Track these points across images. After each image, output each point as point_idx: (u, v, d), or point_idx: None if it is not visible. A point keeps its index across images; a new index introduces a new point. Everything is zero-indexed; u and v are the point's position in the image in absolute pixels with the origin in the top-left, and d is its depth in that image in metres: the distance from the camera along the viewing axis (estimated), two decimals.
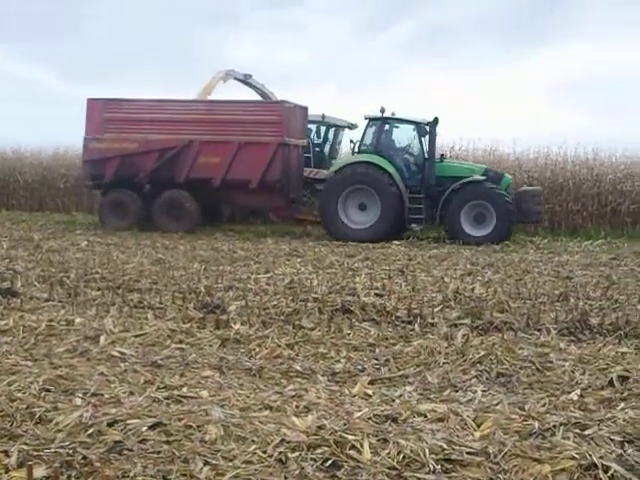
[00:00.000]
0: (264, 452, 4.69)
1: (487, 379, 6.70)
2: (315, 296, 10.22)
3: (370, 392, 6.17)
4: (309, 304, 9.70)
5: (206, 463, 4.54)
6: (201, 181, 21.30)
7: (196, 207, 21.57)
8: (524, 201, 20.43)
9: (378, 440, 4.90)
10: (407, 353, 7.45)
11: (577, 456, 4.64)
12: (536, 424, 5.29)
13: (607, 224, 24.17)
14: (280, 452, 4.69)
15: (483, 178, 20.21)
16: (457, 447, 4.81)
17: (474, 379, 6.66)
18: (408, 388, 6.30)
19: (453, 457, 4.68)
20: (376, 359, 7.30)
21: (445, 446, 4.81)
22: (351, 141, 21.65)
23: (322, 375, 6.71)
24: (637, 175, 24.99)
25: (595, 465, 4.53)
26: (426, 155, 20.60)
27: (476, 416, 5.46)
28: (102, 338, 7.77)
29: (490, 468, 4.55)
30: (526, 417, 5.49)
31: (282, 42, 63.45)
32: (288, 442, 4.81)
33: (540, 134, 29.13)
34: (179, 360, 7.10)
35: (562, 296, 10.71)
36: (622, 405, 5.90)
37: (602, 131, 43.00)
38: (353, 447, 4.78)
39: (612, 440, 5.02)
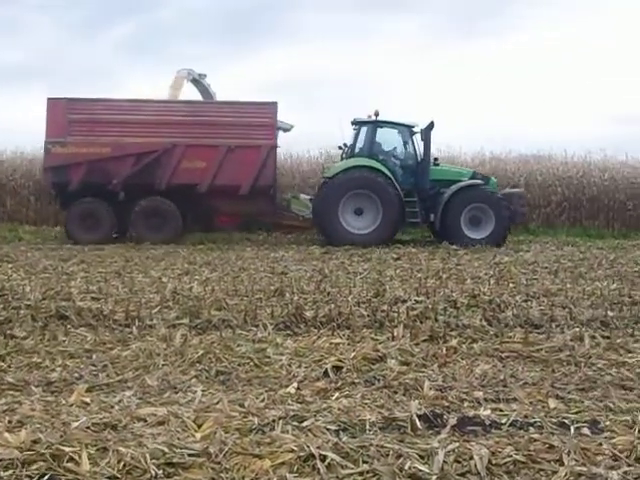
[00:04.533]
0: None
1: (207, 378, 6.72)
2: (28, 303, 9.77)
3: (88, 400, 5.98)
4: (21, 312, 9.27)
5: None
6: (185, 187, 19.94)
7: (179, 215, 20.24)
8: (511, 202, 20.66)
9: (97, 450, 4.76)
10: (125, 357, 7.31)
11: (296, 448, 4.75)
12: (256, 420, 5.37)
13: None
14: None
15: (481, 182, 20.52)
16: (178, 450, 4.77)
17: (194, 379, 6.65)
18: (127, 393, 6.17)
19: (175, 460, 4.63)
20: (94, 365, 7.09)
21: (166, 450, 4.75)
22: (345, 145, 21.12)
23: (36, 386, 6.41)
24: None
25: (313, 455, 4.65)
26: (419, 158, 20.57)
27: (197, 416, 5.45)
28: None
29: (212, 468, 4.56)
30: (246, 414, 5.55)
31: None
32: (0, 460, 4.57)
33: None
34: None
35: (278, 291, 10.97)
36: (337, 395, 6.14)
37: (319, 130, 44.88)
38: (71, 459, 4.60)
39: (328, 430, 5.20)
